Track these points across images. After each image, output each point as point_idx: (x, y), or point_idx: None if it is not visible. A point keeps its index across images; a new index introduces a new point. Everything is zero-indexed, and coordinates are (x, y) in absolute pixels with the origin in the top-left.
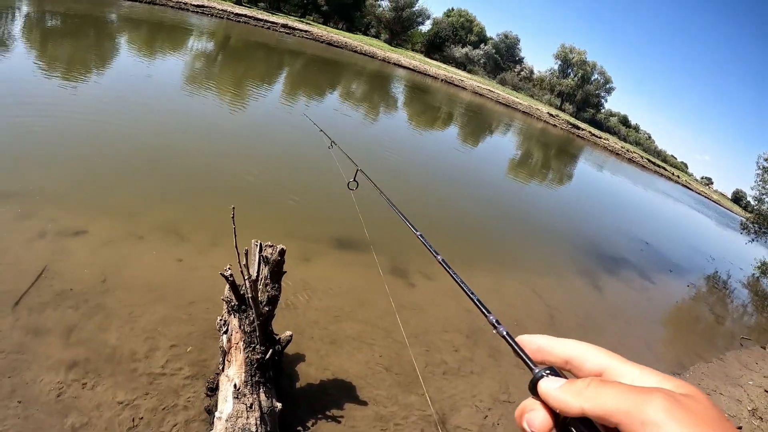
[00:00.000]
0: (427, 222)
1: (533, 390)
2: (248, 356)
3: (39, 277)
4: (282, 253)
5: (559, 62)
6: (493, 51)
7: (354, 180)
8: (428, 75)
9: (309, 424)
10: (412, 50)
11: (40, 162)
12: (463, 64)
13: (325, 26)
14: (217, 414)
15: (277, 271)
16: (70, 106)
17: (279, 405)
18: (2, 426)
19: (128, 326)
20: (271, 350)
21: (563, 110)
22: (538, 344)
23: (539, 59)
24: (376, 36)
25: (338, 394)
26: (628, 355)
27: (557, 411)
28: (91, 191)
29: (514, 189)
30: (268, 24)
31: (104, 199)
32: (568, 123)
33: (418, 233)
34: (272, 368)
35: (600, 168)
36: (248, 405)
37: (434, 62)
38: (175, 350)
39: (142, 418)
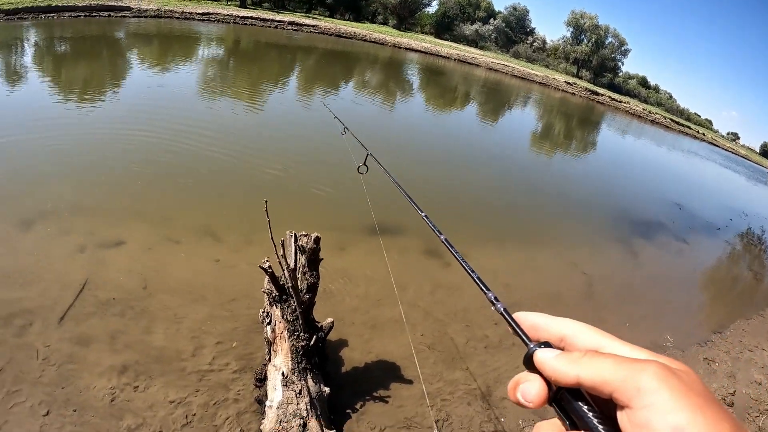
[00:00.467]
0: (454, 202)
1: (528, 364)
2: (293, 344)
3: (82, 289)
4: (317, 240)
5: (571, 29)
6: (503, 25)
7: (364, 164)
8: (440, 56)
9: (357, 406)
10: (422, 33)
11: (70, 179)
12: (474, 42)
13: (331, 19)
14: (267, 403)
15: (313, 258)
16: (90, 122)
17: (327, 389)
18: None
19: (173, 327)
20: (315, 336)
21: (580, 77)
22: (533, 321)
23: (551, 28)
24: (384, 23)
25: (383, 375)
26: (669, 320)
27: (552, 380)
28: (123, 202)
29: (539, 162)
30: (275, 23)
31: (137, 208)
32: (587, 90)
33: (423, 214)
34: (317, 355)
35: (623, 132)
36: (297, 391)
37: (445, 42)
38: (220, 347)
39: (194, 414)
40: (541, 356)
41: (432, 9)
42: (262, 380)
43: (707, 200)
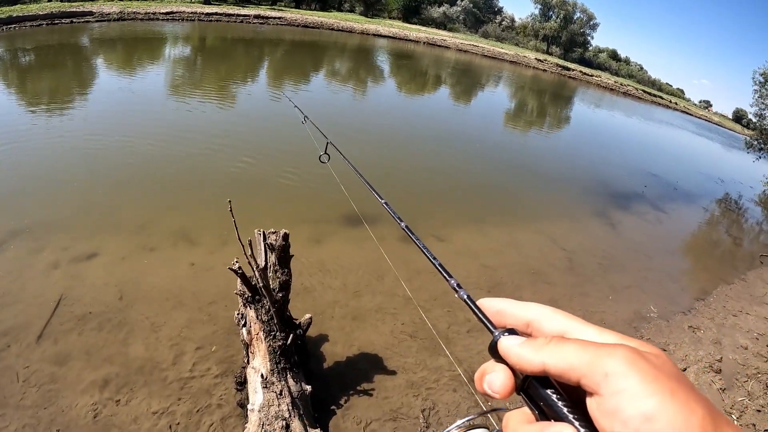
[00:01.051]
0: (430, 186)
1: (493, 352)
2: (270, 344)
3: (57, 306)
4: (285, 237)
5: (539, 6)
6: (471, 5)
7: (325, 153)
8: (409, 40)
9: (342, 401)
10: (390, 18)
11: (39, 194)
12: (443, 24)
13: (297, 9)
14: (249, 406)
15: (284, 256)
16: (55, 133)
17: (309, 387)
18: None
19: (153, 336)
20: (291, 335)
21: (551, 54)
22: (498, 307)
23: (518, 6)
24: (351, 10)
25: (367, 367)
26: (652, 290)
27: (517, 368)
28: (95, 213)
29: (513, 140)
30: (241, 17)
31: (109, 218)
32: (558, 66)
33: (383, 201)
34: (297, 353)
35: (596, 106)
36: (278, 392)
37: (413, 27)
38: (201, 352)
39: (179, 423)
40: (506, 344)
41: None
42: (242, 383)
43: (683, 169)
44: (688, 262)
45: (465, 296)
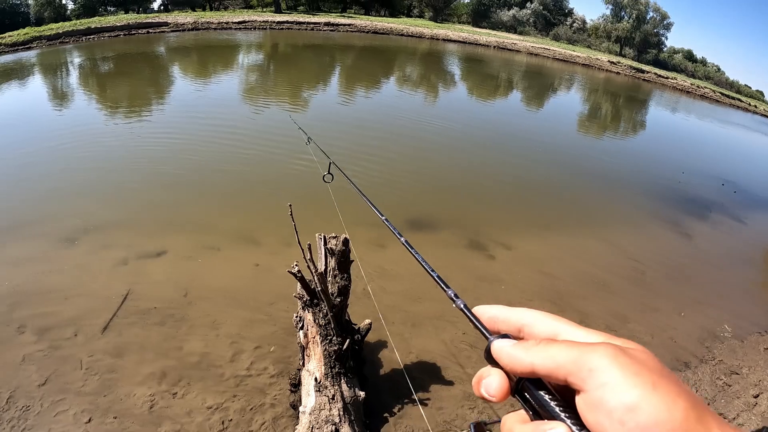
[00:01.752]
0: (493, 190)
1: (489, 357)
2: (326, 349)
3: (124, 300)
4: (346, 242)
5: (611, 6)
6: (541, 8)
7: (329, 173)
8: (479, 44)
9: (395, 409)
10: (459, 23)
11: (109, 193)
12: (513, 27)
13: (367, 16)
14: (301, 408)
15: (344, 261)
16: (129, 137)
17: (362, 394)
18: None
19: (212, 333)
20: (348, 341)
21: (624, 56)
22: (492, 314)
23: (589, 7)
24: (420, 16)
25: (423, 376)
26: (727, 306)
27: (509, 369)
28: (163, 213)
29: (584, 144)
30: (311, 25)
31: (177, 218)
32: (631, 68)
33: (383, 218)
34: (353, 358)
35: (671, 109)
36: (330, 396)
37: (483, 30)
38: (259, 351)
39: (231, 419)
40: (498, 346)
41: None
42: (296, 385)
43: (763, 175)
44: (766, 275)
45: (462, 305)
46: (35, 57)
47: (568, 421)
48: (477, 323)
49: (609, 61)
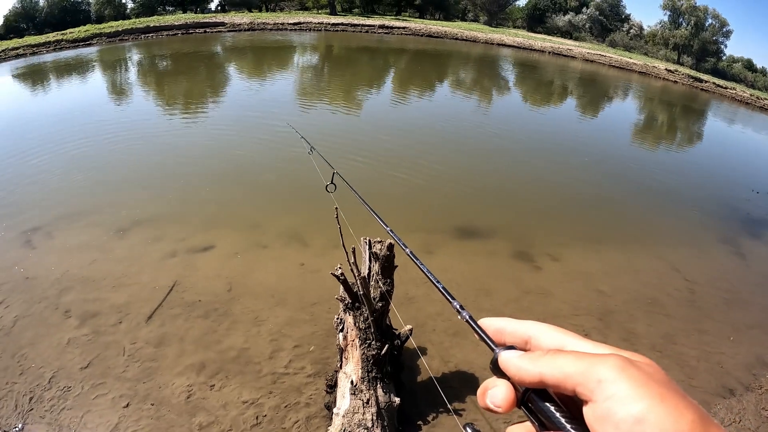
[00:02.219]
0: (544, 200)
1: (495, 369)
2: (364, 353)
3: (170, 291)
4: (390, 247)
5: (668, 12)
6: (597, 13)
7: (332, 183)
8: (534, 50)
9: (429, 418)
10: (514, 27)
11: (161, 187)
12: (568, 33)
13: (421, 20)
14: (335, 410)
15: (387, 266)
16: (184, 134)
17: (397, 400)
18: (137, 425)
19: (254, 330)
20: (387, 346)
21: (682, 64)
22: (498, 326)
23: (646, 13)
24: (475, 20)
25: (461, 386)
26: None
27: (517, 380)
28: (213, 209)
29: (640, 156)
30: (366, 27)
31: (226, 215)
32: (689, 77)
33: (388, 228)
34: (390, 363)
35: (730, 121)
36: (365, 401)
37: (538, 36)
38: (298, 350)
39: (265, 415)
40: (505, 357)
41: (522, 2)
42: (332, 386)
43: None
44: None
45: (467, 317)
46: (95, 53)
47: None
48: (483, 335)
49: (666, 69)
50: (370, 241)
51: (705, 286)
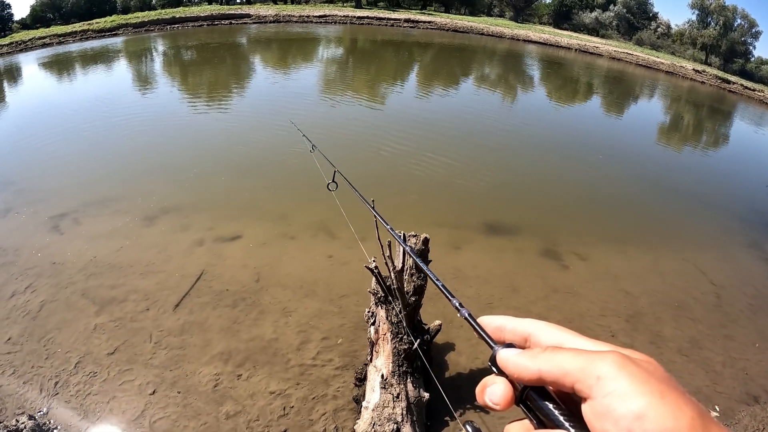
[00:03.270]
0: (570, 199)
1: (493, 364)
2: (395, 347)
3: (198, 280)
4: (426, 242)
5: (696, 11)
6: (624, 10)
7: (333, 181)
8: (560, 46)
9: (457, 414)
10: (540, 24)
11: (192, 178)
12: (595, 30)
13: (447, 14)
14: (364, 403)
15: (421, 260)
16: (211, 124)
17: (426, 395)
18: (164, 413)
19: (282, 320)
20: (418, 340)
21: (709, 64)
22: (497, 324)
23: (674, 11)
24: (501, 15)
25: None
26: None
27: (515, 377)
28: (241, 199)
29: (664, 156)
30: (391, 21)
31: (254, 205)
32: (717, 78)
33: (388, 226)
34: (420, 358)
35: (758, 125)
36: (395, 395)
37: (565, 32)
38: (326, 342)
39: (292, 406)
40: (503, 354)
41: None
42: (362, 380)
43: None
44: None
45: (466, 314)
46: (121, 43)
47: (573, 430)
48: (482, 333)
49: (693, 69)
50: (404, 234)
51: (731, 290)
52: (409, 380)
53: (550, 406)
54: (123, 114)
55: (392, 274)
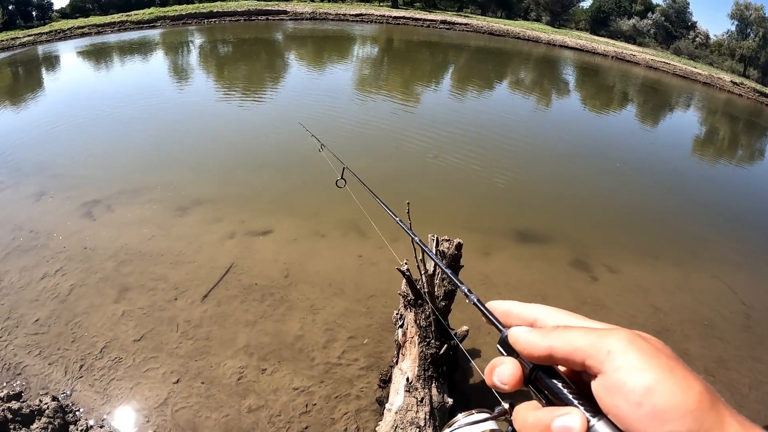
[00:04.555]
0: (602, 210)
1: (504, 347)
2: (422, 350)
3: (227, 272)
4: (459, 247)
5: (736, 22)
6: (662, 19)
7: (342, 178)
8: (597, 53)
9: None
10: (577, 29)
11: (226, 171)
12: (632, 38)
13: (483, 17)
14: (387, 405)
15: (454, 265)
16: (246, 119)
17: (450, 401)
18: (186, 402)
19: (309, 318)
20: (445, 345)
21: (747, 77)
22: (506, 308)
23: (713, 21)
24: (537, 19)
25: (513, 392)
26: None
27: (526, 354)
28: (273, 194)
29: (700, 170)
30: (427, 22)
31: (286, 201)
32: (755, 91)
33: (397, 219)
34: (446, 363)
35: None
36: (419, 399)
37: (602, 39)
38: (352, 342)
39: (315, 404)
40: (515, 332)
41: (586, 4)
42: (386, 381)
43: None
44: None
45: (475, 299)
46: (158, 35)
47: (581, 408)
48: (491, 317)
49: (731, 81)
50: (437, 238)
51: (761, 312)
52: (433, 385)
53: (559, 384)
54: (158, 105)
55: (423, 277)
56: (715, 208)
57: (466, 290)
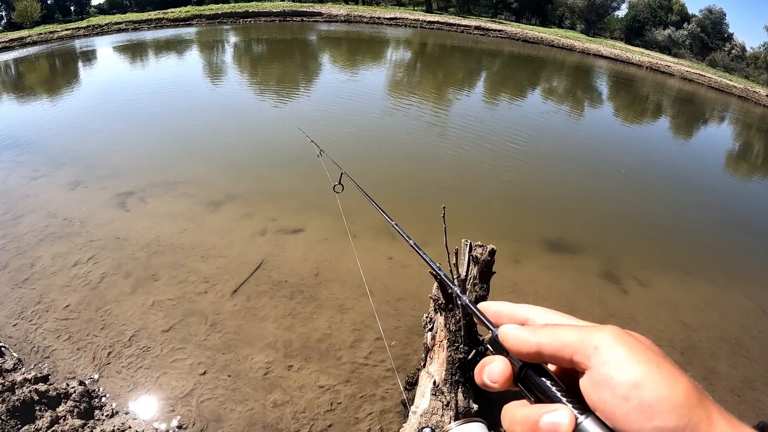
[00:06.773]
0: (639, 223)
1: (493, 346)
2: (451, 355)
3: (258, 268)
4: (492, 253)
5: None
6: (698, 30)
7: (339, 183)
8: (631, 63)
9: (502, 429)
10: (611, 38)
11: (260, 169)
12: (667, 48)
13: (518, 24)
14: (412, 408)
15: (486, 271)
16: (280, 117)
17: (475, 406)
18: (212, 394)
19: (338, 317)
20: (474, 350)
21: None
22: (497, 308)
23: (750, 33)
24: (572, 27)
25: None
26: None
27: (515, 351)
28: (306, 193)
29: (733, 186)
30: (461, 27)
31: (320, 201)
32: None
33: (392, 222)
34: (473, 368)
35: None
36: (445, 403)
37: (636, 49)
38: (379, 343)
39: (340, 403)
40: (505, 329)
41: (622, 13)
42: (412, 384)
43: None
44: None
45: (466, 300)
46: (194, 34)
47: (569, 405)
48: (482, 317)
49: (767, 95)
50: (471, 243)
51: None
52: (460, 390)
53: (548, 382)
54: (194, 101)
55: (456, 281)
56: (750, 226)
57: (458, 291)
